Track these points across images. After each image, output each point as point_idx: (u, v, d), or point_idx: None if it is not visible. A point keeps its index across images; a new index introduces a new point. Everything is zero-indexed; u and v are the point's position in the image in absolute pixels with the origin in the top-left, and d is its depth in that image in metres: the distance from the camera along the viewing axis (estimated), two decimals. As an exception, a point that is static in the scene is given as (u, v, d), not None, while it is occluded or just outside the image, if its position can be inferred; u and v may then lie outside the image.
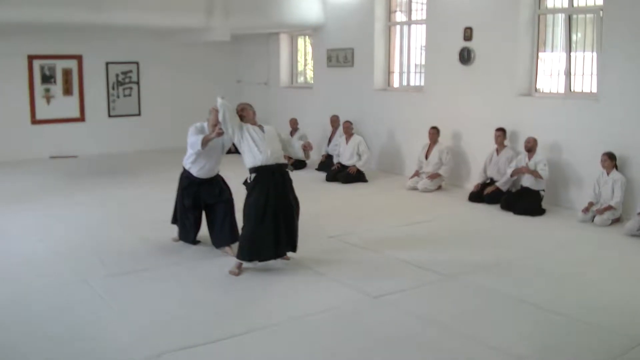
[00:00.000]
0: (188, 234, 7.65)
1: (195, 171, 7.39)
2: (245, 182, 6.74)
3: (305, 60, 15.80)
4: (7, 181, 11.84)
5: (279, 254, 6.77)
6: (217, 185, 7.49)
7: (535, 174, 9.44)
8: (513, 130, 10.35)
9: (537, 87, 10.40)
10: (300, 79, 15.93)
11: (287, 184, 6.74)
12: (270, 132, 6.76)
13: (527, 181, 9.61)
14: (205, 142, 7.10)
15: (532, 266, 7.04)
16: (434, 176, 11.01)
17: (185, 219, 7.59)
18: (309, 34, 15.12)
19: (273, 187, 6.59)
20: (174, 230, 7.84)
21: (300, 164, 12.70)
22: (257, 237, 6.58)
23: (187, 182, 7.46)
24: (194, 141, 7.17)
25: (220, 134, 6.97)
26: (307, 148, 6.87)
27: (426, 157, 11.20)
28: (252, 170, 6.64)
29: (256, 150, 6.63)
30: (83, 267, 6.88)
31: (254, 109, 6.93)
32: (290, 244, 6.82)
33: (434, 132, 11.17)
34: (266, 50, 16.13)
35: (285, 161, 6.76)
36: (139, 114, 15.96)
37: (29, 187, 11.18)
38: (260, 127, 6.78)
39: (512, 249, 7.67)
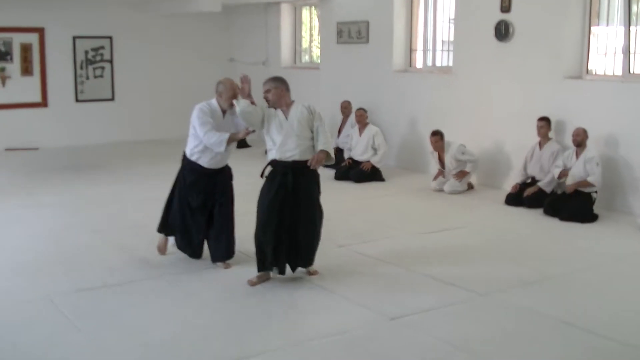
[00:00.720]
0: (193, 243, 7.41)
1: (206, 161, 7.19)
2: (261, 174, 6.87)
3: (311, 35, 15.80)
4: (-45, 178, 11.89)
5: (280, 268, 6.83)
6: (229, 177, 7.42)
7: (582, 184, 9.38)
8: (559, 120, 10.33)
9: (589, 68, 10.38)
10: (305, 58, 15.94)
11: (304, 188, 6.75)
12: (295, 121, 6.69)
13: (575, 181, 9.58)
14: (231, 142, 6.98)
15: (582, 283, 7.02)
16: (461, 175, 10.99)
17: (192, 223, 7.34)
18: (315, 4, 15.12)
19: (283, 189, 6.66)
20: (156, 237, 7.82)
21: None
22: (261, 244, 6.70)
23: (195, 176, 7.25)
24: (216, 142, 6.89)
25: (249, 132, 6.97)
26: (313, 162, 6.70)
27: (442, 166, 11.20)
28: (269, 163, 6.79)
29: (271, 144, 6.77)
30: (45, 281, 6.89)
31: (285, 84, 6.83)
32: (294, 259, 6.89)
33: (437, 140, 11.06)
34: (264, 24, 16.13)
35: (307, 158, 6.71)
36: (113, 99, 16.00)
37: (-19, 185, 11.23)
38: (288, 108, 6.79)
39: (558, 262, 7.65)
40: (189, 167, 7.31)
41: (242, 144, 14.29)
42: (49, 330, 5.76)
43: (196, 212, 7.31)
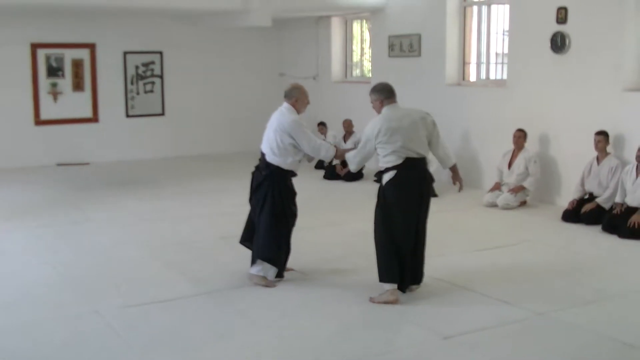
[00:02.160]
0: (282, 256, 7.45)
1: (297, 167, 7.42)
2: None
3: (362, 49, 15.80)
4: (6, 193, 12.08)
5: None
6: None
7: None
8: (618, 134, 10.16)
9: (649, 80, 10.24)
10: (356, 72, 15.94)
11: None
12: None
13: (634, 200, 9.40)
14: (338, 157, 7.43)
15: (644, 302, 6.91)
16: (518, 189, 10.91)
17: (287, 235, 7.42)
18: (366, 18, 15.14)
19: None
20: (207, 252, 7.81)
21: (354, 175, 12.75)
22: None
23: (291, 183, 7.40)
24: (325, 154, 7.24)
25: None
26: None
27: (509, 166, 11.11)
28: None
29: None
30: (95, 296, 6.95)
31: (383, 92, 7.14)
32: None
33: (520, 136, 11.08)
34: (315, 38, 16.18)
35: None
36: (163, 114, 16.16)
37: (32, 200, 11.39)
38: None
39: (618, 281, 7.51)
40: (286, 178, 7.30)
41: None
42: (98, 345, 5.79)
43: (293, 217, 7.45)
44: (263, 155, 7.27)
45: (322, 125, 14.79)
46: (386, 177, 6.75)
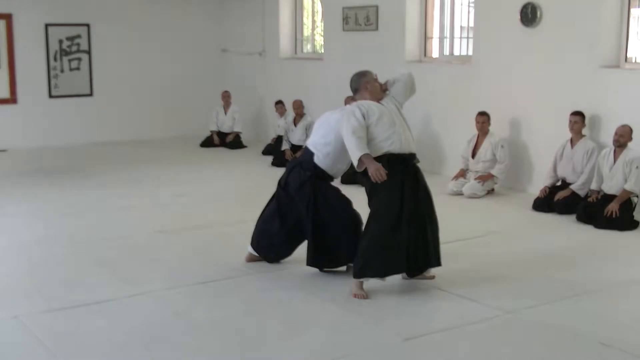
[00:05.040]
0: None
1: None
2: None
3: (314, 22, 15.78)
4: None
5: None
6: None
7: (622, 197, 9.29)
8: (593, 115, 10.27)
9: (628, 55, 10.33)
10: (307, 48, 15.92)
11: None
12: None
13: (612, 187, 9.52)
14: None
15: (622, 299, 6.97)
16: (485, 177, 11.00)
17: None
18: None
19: None
20: (142, 249, 7.75)
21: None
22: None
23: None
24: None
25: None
26: None
27: (473, 155, 11.19)
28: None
29: None
30: (15, 300, 6.85)
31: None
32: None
33: (484, 120, 11.15)
34: (261, 10, 16.12)
35: None
36: (91, 94, 16.00)
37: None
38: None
39: (594, 276, 7.59)
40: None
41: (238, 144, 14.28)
42: (18, 356, 5.71)
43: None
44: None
45: (280, 104, 14.68)
46: None
